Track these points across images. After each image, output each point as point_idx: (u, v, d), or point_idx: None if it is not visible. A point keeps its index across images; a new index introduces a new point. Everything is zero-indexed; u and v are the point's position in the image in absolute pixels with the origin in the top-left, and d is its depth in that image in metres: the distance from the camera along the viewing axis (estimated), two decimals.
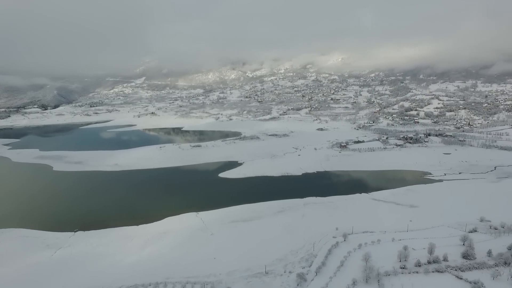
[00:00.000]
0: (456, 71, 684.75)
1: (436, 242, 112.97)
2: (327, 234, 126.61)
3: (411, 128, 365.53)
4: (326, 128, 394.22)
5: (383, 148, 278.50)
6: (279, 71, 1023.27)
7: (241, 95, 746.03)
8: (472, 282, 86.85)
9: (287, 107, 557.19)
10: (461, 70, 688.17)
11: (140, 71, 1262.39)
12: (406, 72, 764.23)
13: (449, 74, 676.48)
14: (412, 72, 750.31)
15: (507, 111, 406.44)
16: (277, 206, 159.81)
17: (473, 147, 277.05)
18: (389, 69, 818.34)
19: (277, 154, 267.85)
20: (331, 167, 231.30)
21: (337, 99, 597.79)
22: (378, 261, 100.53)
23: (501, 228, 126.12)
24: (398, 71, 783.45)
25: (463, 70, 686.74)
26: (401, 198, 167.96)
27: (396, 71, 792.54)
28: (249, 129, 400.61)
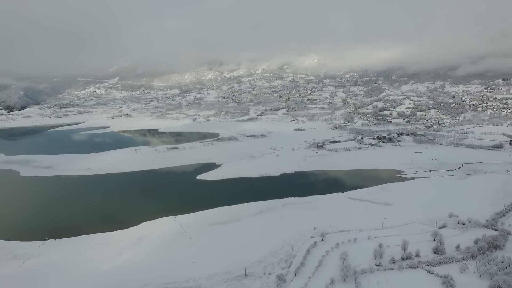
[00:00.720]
0: (425, 72, 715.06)
1: (409, 238, 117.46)
2: (306, 234, 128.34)
3: (385, 127, 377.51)
4: (303, 129, 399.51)
5: (358, 148, 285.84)
6: (256, 71, 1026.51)
7: (218, 95, 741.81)
8: (442, 276, 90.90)
9: (264, 108, 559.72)
10: (430, 71, 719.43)
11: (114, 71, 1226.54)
12: (379, 73, 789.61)
13: (419, 75, 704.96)
14: (385, 73, 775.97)
15: (472, 111, 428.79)
16: (256, 208, 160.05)
17: (442, 146, 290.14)
18: (363, 70, 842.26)
19: (255, 155, 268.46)
20: (309, 167, 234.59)
21: (314, 99, 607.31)
22: (354, 259, 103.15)
23: (468, 223, 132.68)
24: (372, 72, 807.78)
25: (432, 71, 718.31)
26: (376, 196, 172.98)
27: (369, 72, 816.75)
28: (227, 130, 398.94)
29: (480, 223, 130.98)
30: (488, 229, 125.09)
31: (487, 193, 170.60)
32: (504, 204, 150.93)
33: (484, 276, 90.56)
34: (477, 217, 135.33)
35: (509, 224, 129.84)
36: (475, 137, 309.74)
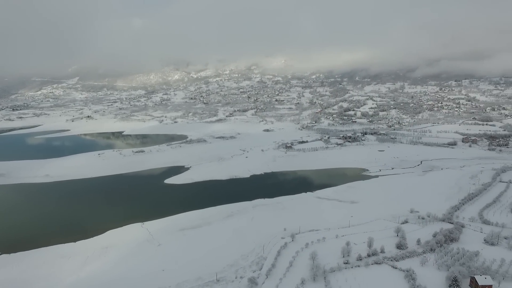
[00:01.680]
0: (386, 74, 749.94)
1: (374, 235, 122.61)
2: (276, 235, 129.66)
3: (350, 127, 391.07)
4: (272, 129, 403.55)
5: (325, 148, 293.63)
6: (224, 72, 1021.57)
7: (185, 96, 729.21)
8: (405, 271, 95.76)
9: (233, 109, 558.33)
10: (391, 73, 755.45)
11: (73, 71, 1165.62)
12: (343, 74, 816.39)
13: (381, 77, 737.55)
14: (349, 74, 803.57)
15: (429, 110, 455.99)
16: (226, 211, 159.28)
17: (403, 144, 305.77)
18: (328, 71, 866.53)
19: (224, 157, 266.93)
20: (278, 167, 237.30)
21: (282, 100, 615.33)
22: (324, 259, 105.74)
23: (427, 217, 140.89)
24: (337, 73, 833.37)
25: (393, 73, 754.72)
26: (343, 195, 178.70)
27: (334, 73, 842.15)
28: (195, 131, 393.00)
29: (438, 217, 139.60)
30: (445, 223, 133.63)
31: (444, 188, 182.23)
32: (458, 198, 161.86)
33: (442, 268, 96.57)
34: (435, 212, 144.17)
35: (463, 217, 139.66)
36: (432, 135, 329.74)
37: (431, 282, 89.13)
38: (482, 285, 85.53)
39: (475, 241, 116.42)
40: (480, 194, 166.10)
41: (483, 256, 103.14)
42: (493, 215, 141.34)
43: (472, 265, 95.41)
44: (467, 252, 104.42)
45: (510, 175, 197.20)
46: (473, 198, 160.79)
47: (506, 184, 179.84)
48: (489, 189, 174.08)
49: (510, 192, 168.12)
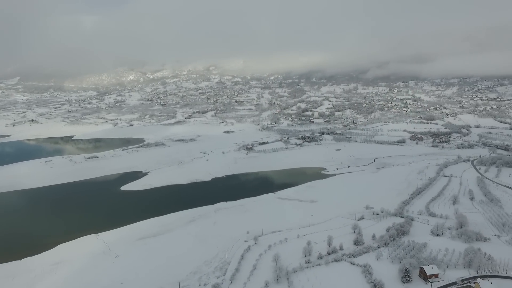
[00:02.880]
0: (341, 75, 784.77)
1: (333, 233, 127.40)
2: (239, 239, 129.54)
3: (308, 127, 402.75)
4: (233, 131, 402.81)
5: (285, 148, 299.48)
6: (182, 72, 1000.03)
7: (141, 97, 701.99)
8: (362, 266, 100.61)
9: (192, 110, 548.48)
10: (345, 74, 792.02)
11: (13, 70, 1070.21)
12: (301, 75, 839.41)
13: (336, 78, 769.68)
14: (306, 75, 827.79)
15: (380, 110, 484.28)
16: (188, 216, 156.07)
17: (358, 143, 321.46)
18: (286, 72, 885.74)
19: (184, 160, 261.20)
20: (239, 169, 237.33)
21: (241, 101, 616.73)
22: (286, 259, 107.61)
23: (381, 213, 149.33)
24: (295, 74, 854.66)
25: (347, 74, 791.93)
26: (303, 194, 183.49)
27: (292, 74, 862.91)
28: (153, 134, 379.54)
29: (391, 212, 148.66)
30: (397, 217, 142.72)
31: (395, 184, 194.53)
32: (408, 193, 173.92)
33: (395, 260, 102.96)
34: (388, 207, 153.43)
35: (412, 211, 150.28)
36: (384, 134, 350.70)
37: (385, 275, 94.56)
38: (429, 275, 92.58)
39: (423, 233, 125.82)
40: (426, 189, 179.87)
41: (430, 247, 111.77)
42: (438, 208, 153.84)
43: (421, 256, 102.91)
44: (416, 244, 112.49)
45: (451, 170, 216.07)
46: (420, 193, 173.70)
47: (448, 178, 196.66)
48: (434, 183, 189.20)
49: (452, 186, 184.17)
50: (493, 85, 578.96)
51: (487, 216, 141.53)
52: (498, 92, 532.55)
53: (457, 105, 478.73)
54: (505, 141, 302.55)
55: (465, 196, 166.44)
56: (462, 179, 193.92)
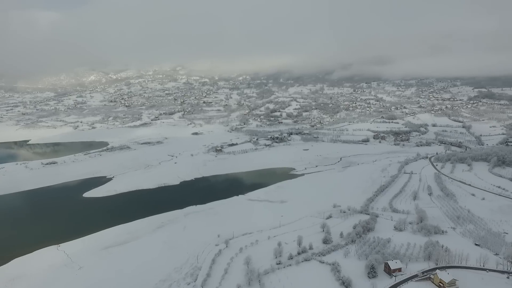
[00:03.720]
0: (308, 76, 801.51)
1: (303, 232, 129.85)
2: (210, 243, 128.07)
3: (277, 128, 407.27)
4: (201, 132, 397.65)
5: (254, 149, 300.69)
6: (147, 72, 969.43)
7: (104, 99, 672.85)
8: (331, 264, 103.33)
9: (158, 112, 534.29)
10: (311, 75, 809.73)
11: None
12: (269, 76, 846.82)
13: (303, 79, 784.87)
14: (274, 76, 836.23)
15: (345, 110, 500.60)
16: (156, 222, 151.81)
17: (325, 142, 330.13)
18: (254, 72, 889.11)
19: (151, 164, 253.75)
20: (209, 172, 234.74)
21: (209, 102, 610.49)
22: (258, 262, 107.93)
23: (348, 211, 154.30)
24: (263, 75, 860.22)
25: (313, 75, 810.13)
26: (273, 195, 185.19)
27: (260, 75, 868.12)
28: (117, 137, 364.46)
29: (357, 209, 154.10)
30: (363, 214, 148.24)
31: (360, 182, 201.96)
32: (372, 190, 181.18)
33: (362, 257, 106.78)
34: (354, 205, 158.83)
35: (377, 208, 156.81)
36: (349, 133, 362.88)
37: (353, 272, 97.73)
38: (393, 269, 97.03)
39: (387, 228, 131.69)
40: (389, 186, 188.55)
41: (394, 242, 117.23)
42: (400, 204, 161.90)
43: (385, 252, 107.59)
44: (381, 240, 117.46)
45: (412, 167, 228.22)
46: (384, 190, 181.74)
47: (409, 175, 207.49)
48: (396, 180, 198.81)
49: (412, 182, 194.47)
50: (447, 86, 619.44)
51: (444, 210, 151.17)
52: (451, 93, 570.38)
53: (416, 104, 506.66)
54: (458, 138, 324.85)
55: (424, 192, 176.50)
56: (421, 176, 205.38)
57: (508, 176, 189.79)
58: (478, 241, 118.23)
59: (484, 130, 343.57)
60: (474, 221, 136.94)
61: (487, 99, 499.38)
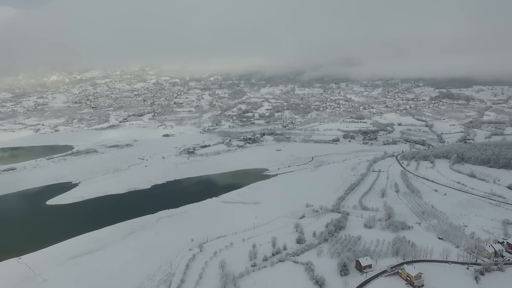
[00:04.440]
0: (279, 77, 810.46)
1: (277, 233, 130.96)
2: (184, 248, 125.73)
3: (249, 129, 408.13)
4: (172, 134, 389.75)
5: (227, 150, 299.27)
6: (114, 72, 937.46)
7: (68, 100, 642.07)
8: (304, 264, 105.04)
9: (127, 113, 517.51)
10: (283, 76, 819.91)
11: None
12: (241, 76, 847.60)
13: (274, 79, 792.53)
14: (245, 77, 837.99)
15: (316, 110, 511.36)
16: (127, 228, 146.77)
17: (297, 142, 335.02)
18: (226, 73, 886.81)
19: (120, 168, 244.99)
20: (181, 175, 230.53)
21: (180, 102, 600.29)
22: (233, 265, 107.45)
23: (320, 210, 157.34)
24: (234, 76, 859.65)
25: (284, 76, 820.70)
26: (247, 196, 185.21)
27: (232, 75, 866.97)
28: (83, 141, 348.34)
29: (328, 208, 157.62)
30: (334, 213, 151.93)
31: (331, 181, 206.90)
32: (343, 189, 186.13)
33: (334, 255, 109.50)
34: (326, 204, 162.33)
35: (347, 206, 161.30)
36: (320, 133, 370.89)
37: (326, 271, 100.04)
38: (364, 266, 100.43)
39: (357, 226, 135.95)
40: (359, 184, 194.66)
41: (364, 239, 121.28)
42: (369, 201, 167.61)
43: (356, 249, 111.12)
44: (352, 238, 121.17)
45: (380, 165, 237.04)
46: (354, 188, 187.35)
47: (377, 173, 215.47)
48: (365, 178, 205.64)
49: (380, 180, 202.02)
50: (411, 87, 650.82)
51: (410, 206, 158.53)
52: (415, 93, 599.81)
53: (382, 104, 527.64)
54: (422, 136, 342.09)
55: (391, 189, 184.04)
56: (388, 173, 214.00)
57: (467, 172, 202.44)
58: (441, 234, 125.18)
59: (444, 129, 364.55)
60: (437, 215, 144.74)
61: (447, 99, 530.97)
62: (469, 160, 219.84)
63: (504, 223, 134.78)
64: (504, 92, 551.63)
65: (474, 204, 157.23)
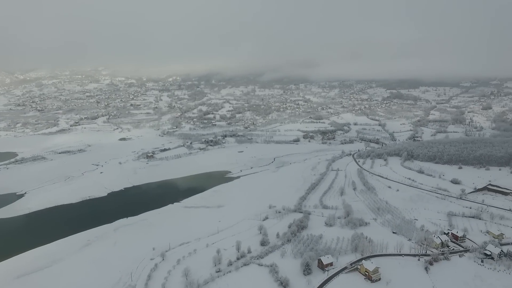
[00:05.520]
0: (240, 78, 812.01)
1: (241, 236, 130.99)
2: (145, 257, 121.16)
3: (211, 130, 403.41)
4: (130, 137, 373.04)
5: (188, 154, 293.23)
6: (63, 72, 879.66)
7: (9, 102, 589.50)
8: (269, 266, 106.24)
9: (79, 116, 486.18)
10: (243, 77, 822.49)
11: None
12: (200, 77, 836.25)
13: (235, 80, 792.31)
14: (205, 78, 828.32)
15: (277, 111, 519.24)
16: (82, 240, 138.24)
17: (258, 144, 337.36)
18: (185, 74, 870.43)
19: (73, 175, 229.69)
20: (140, 180, 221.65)
21: (138, 104, 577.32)
22: (197, 272, 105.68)
23: (283, 210, 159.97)
24: (194, 76, 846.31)
25: (244, 77, 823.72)
26: (210, 200, 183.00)
27: (191, 76, 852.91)
28: (29, 147, 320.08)
29: (291, 208, 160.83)
30: (297, 213, 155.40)
31: (293, 181, 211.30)
32: (304, 189, 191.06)
33: (297, 256, 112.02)
34: (288, 204, 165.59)
35: (309, 206, 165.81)
36: (281, 134, 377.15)
37: (290, 271, 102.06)
38: (326, 264, 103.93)
39: (319, 225, 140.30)
40: (319, 183, 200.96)
41: (325, 237, 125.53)
42: (329, 200, 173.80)
43: (318, 248, 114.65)
44: (314, 237, 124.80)
45: (338, 164, 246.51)
46: (314, 188, 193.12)
47: (335, 172, 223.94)
48: (325, 177, 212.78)
49: (339, 178, 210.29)
50: (365, 88, 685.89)
51: (366, 203, 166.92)
52: (368, 94, 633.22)
53: (339, 105, 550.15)
54: (376, 135, 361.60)
55: (349, 187, 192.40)
56: (346, 172, 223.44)
57: (416, 168, 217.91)
58: (395, 229, 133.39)
59: (396, 127, 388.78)
60: (391, 211, 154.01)
61: (397, 99, 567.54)
62: (418, 157, 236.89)
63: (449, 214, 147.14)
64: (446, 93, 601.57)
65: (423, 198, 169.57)
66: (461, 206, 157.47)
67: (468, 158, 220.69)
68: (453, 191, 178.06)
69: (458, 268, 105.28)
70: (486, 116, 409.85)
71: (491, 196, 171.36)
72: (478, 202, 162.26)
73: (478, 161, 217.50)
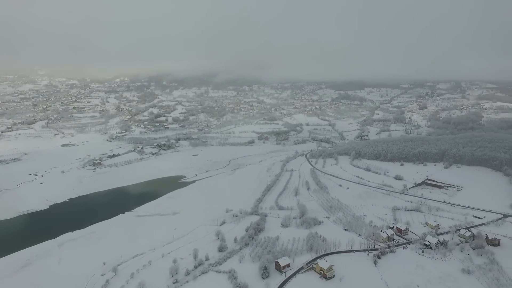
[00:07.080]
0: (192, 79, 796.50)
1: (198, 244, 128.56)
2: (94, 274, 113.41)
3: (163, 134, 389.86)
4: (73, 143, 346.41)
5: (140, 159, 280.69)
6: None
7: None
8: (227, 272, 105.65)
9: (12, 121, 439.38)
10: (196, 78, 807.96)
11: None
12: (150, 78, 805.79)
13: (187, 81, 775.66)
14: (156, 79, 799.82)
15: (231, 113, 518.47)
16: (19, 260, 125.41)
17: (213, 146, 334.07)
18: (133, 74, 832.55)
19: (6, 188, 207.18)
20: (87, 190, 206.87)
21: (82, 107, 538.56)
22: (153, 285, 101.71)
23: (240, 214, 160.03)
24: (143, 77, 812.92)
25: (197, 78, 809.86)
26: (164, 207, 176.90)
27: (141, 77, 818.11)
28: None
29: (248, 211, 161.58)
30: (253, 216, 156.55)
31: (249, 183, 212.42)
32: (260, 191, 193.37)
33: (255, 259, 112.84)
34: (245, 207, 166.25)
35: (265, 207, 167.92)
36: (236, 135, 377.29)
37: (249, 276, 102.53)
38: (283, 266, 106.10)
39: (275, 227, 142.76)
40: (274, 184, 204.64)
41: (282, 239, 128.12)
42: (285, 201, 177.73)
43: (275, 250, 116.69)
44: (271, 239, 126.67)
45: (292, 164, 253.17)
46: (270, 189, 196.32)
47: (290, 173, 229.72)
48: (280, 178, 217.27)
49: (293, 179, 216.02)
50: (315, 89, 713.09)
51: (320, 202, 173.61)
52: (318, 95, 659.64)
53: (291, 106, 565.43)
54: (327, 135, 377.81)
55: (303, 187, 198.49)
56: (300, 172, 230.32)
57: (363, 166, 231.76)
58: (346, 226, 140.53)
59: (344, 127, 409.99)
60: (342, 208, 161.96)
61: (345, 100, 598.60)
62: (365, 155, 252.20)
63: (393, 209, 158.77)
64: (388, 94, 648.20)
65: (371, 195, 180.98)
66: (403, 201, 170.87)
67: (409, 155, 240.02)
68: (397, 186, 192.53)
69: (402, 260, 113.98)
70: (422, 115, 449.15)
71: (428, 190, 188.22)
72: (418, 196, 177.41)
73: (417, 158, 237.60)
